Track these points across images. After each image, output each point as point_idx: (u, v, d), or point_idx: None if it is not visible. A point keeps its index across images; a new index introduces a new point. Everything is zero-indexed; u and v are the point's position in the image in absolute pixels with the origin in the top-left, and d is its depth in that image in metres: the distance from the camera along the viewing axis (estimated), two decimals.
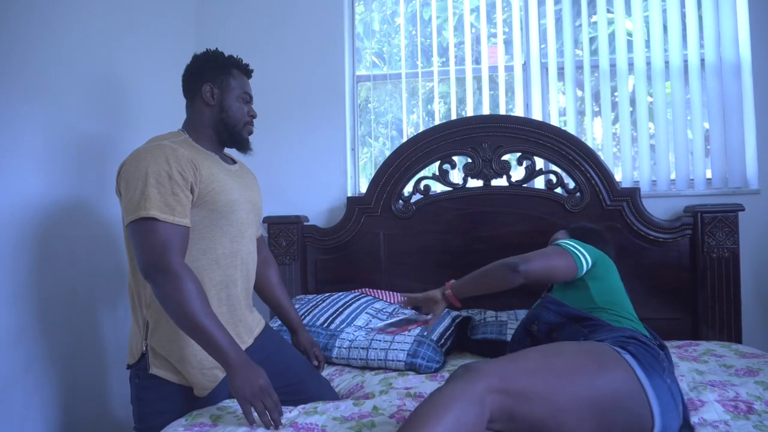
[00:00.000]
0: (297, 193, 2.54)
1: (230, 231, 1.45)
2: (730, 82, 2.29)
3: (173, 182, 1.31)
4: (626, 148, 2.39)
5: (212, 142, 1.52)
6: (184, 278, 1.26)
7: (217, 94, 1.50)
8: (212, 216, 1.41)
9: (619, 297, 1.43)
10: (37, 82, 1.68)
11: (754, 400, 1.34)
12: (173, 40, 2.42)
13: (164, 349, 1.38)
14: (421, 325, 1.71)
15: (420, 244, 2.32)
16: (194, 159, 1.38)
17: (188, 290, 1.25)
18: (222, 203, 1.42)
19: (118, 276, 1.99)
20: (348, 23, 2.61)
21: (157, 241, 1.26)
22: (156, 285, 1.27)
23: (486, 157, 2.29)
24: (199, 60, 1.53)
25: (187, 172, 1.34)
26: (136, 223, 1.28)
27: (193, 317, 1.25)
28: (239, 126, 1.53)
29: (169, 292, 1.25)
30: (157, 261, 1.26)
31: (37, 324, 1.66)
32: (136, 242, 1.30)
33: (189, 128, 1.51)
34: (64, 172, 1.78)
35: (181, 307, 1.25)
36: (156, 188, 1.29)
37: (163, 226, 1.28)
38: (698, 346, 1.89)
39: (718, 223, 2.10)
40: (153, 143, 1.39)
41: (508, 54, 2.57)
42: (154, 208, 1.28)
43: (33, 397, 1.64)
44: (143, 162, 1.32)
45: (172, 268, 1.26)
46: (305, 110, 2.57)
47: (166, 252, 1.26)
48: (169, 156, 1.33)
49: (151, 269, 1.27)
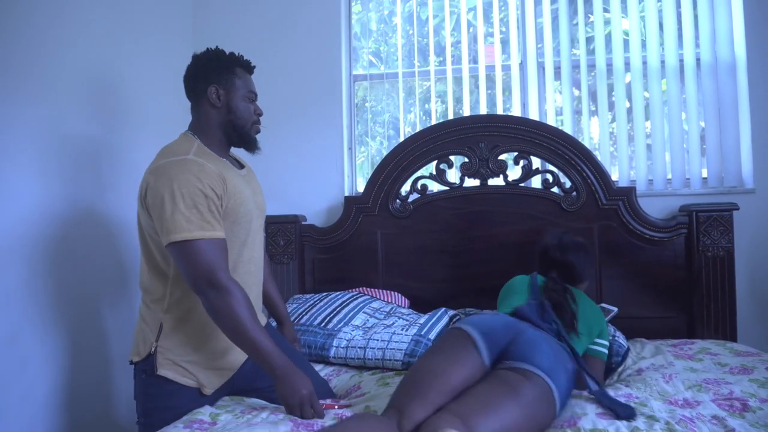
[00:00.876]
0: (294, 192, 2.55)
1: (247, 240, 1.49)
2: (725, 82, 2.30)
3: (208, 200, 1.34)
4: (623, 147, 2.40)
5: (221, 144, 1.52)
6: (233, 293, 1.32)
7: (223, 96, 1.48)
8: (233, 227, 1.44)
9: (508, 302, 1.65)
10: (32, 85, 1.68)
11: (748, 398, 1.35)
12: (170, 41, 2.41)
13: (175, 353, 1.41)
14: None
15: (417, 244, 2.33)
16: (221, 172, 1.40)
17: (238, 305, 1.32)
18: (242, 214, 1.45)
19: (116, 275, 1.99)
20: (345, 23, 2.61)
21: (204, 259, 1.31)
22: (207, 299, 1.33)
23: (483, 156, 2.30)
24: (201, 60, 1.50)
25: (218, 188, 1.37)
26: (179, 245, 1.32)
27: (244, 330, 1.32)
28: (247, 126, 1.53)
29: (221, 306, 1.31)
30: (207, 278, 1.31)
31: (33, 323, 1.66)
32: (183, 263, 1.34)
33: (198, 132, 1.49)
34: (61, 173, 1.78)
35: (233, 320, 1.31)
36: (195, 208, 1.32)
37: (207, 243, 1.32)
38: (693, 344, 1.90)
39: (713, 222, 2.11)
40: (176, 157, 1.38)
41: (505, 53, 2.58)
42: (196, 228, 1.31)
43: (30, 395, 1.64)
44: (176, 181, 1.33)
45: (222, 284, 1.32)
46: (302, 109, 2.57)
47: (214, 269, 1.32)
48: (199, 173, 1.35)
49: (203, 286, 1.32)
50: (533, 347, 1.30)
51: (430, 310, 2.05)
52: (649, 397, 1.40)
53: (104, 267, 1.94)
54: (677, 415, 1.26)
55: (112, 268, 1.97)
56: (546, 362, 1.27)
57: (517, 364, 1.26)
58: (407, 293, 2.28)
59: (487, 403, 1.17)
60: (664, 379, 1.53)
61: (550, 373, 1.25)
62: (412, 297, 2.27)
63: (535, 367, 1.25)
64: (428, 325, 1.88)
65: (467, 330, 1.35)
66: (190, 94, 1.52)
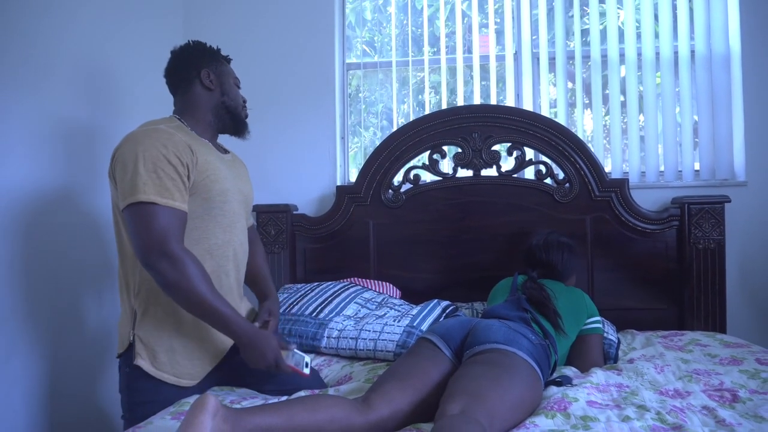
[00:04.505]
0: (286, 181, 2.52)
1: (223, 221, 1.44)
2: (719, 74, 2.30)
3: (171, 167, 1.29)
4: (616, 139, 2.40)
5: (209, 127, 1.52)
6: (187, 263, 1.26)
7: (214, 79, 1.51)
8: (205, 205, 1.39)
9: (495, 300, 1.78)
10: (24, 72, 1.66)
11: (738, 389, 1.36)
12: (161, 28, 2.37)
13: (152, 339, 1.37)
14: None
15: (409, 234, 2.32)
16: (191, 144, 1.37)
17: (194, 274, 1.26)
18: (216, 192, 1.41)
19: (104, 265, 1.96)
20: (339, 11, 2.58)
21: (157, 226, 1.25)
22: (158, 272, 1.26)
23: (476, 147, 2.29)
24: (186, 50, 1.53)
25: (184, 157, 1.33)
26: (133, 207, 1.26)
27: (203, 300, 1.27)
28: (239, 108, 1.56)
29: (175, 278, 1.25)
30: (159, 247, 1.25)
31: (19, 313, 1.63)
32: (134, 227, 1.27)
33: (183, 114, 1.50)
34: (51, 160, 1.76)
35: (190, 292, 1.26)
36: (154, 172, 1.27)
37: (163, 210, 1.27)
38: (683, 335, 1.91)
39: (705, 214, 2.11)
40: (149, 126, 1.37)
41: (499, 45, 2.56)
42: (153, 192, 1.26)
43: (15, 387, 1.61)
44: (140, 145, 1.30)
45: (175, 254, 1.25)
46: (294, 98, 2.54)
47: (167, 237, 1.25)
48: (166, 140, 1.32)
49: (153, 255, 1.25)
50: (486, 330, 1.38)
51: (421, 300, 2.04)
52: (640, 386, 1.40)
53: (89, 257, 1.90)
54: (668, 405, 1.26)
55: (96, 258, 1.94)
56: (500, 336, 1.35)
57: (476, 349, 1.34)
58: (399, 283, 2.27)
59: (469, 384, 1.19)
60: (656, 370, 1.53)
61: (508, 343, 1.32)
62: (404, 287, 2.26)
63: (492, 344, 1.33)
64: (420, 316, 1.87)
65: (427, 336, 1.45)
66: (178, 82, 1.52)
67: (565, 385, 1.39)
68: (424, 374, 1.29)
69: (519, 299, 1.61)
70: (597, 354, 1.66)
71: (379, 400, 1.19)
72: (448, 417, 1.07)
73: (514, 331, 1.38)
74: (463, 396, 1.13)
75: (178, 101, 1.53)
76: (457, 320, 1.51)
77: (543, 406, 1.25)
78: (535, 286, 1.67)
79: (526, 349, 1.33)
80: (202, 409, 0.97)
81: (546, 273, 1.80)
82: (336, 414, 1.12)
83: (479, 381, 1.19)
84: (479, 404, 1.11)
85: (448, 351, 1.39)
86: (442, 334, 1.43)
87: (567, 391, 1.32)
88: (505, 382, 1.20)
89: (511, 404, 1.18)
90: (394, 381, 1.25)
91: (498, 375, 1.22)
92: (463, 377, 1.22)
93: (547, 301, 1.60)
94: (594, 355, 1.65)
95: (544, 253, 1.82)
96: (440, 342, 1.41)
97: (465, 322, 1.47)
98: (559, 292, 1.68)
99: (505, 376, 1.22)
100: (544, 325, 1.53)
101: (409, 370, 1.30)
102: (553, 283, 1.74)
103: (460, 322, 1.48)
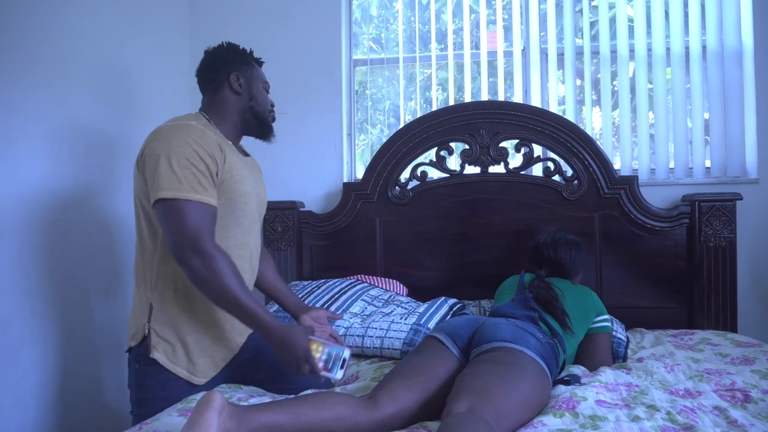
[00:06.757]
0: (293, 178, 2.52)
1: (243, 222, 1.46)
2: (731, 70, 2.27)
3: (203, 163, 1.31)
4: (625, 136, 2.37)
5: (235, 129, 1.53)
6: (219, 259, 1.27)
7: (243, 83, 1.52)
8: (228, 205, 1.40)
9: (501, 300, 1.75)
10: (43, 74, 1.68)
11: (750, 389, 1.34)
12: (170, 28, 2.38)
13: (166, 333, 1.38)
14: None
15: (416, 231, 2.30)
16: (220, 144, 1.38)
17: (225, 272, 1.27)
18: (239, 193, 1.42)
19: (112, 263, 1.97)
20: (345, 8, 2.57)
21: (189, 222, 1.26)
22: (191, 268, 1.27)
23: (483, 143, 2.27)
24: (218, 52, 1.54)
25: (216, 155, 1.34)
26: (166, 203, 1.27)
27: (234, 296, 1.27)
28: (266, 113, 1.56)
29: (207, 274, 1.26)
30: (191, 243, 1.26)
31: (29, 309, 1.64)
32: (167, 223, 1.28)
33: (209, 113, 1.50)
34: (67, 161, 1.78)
35: (221, 288, 1.27)
36: (188, 168, 1.28)
37: (195, 206, 1.28)
38: (694, 334, 1.89)
39: (716, 212, 2.09)
40: (179, 122, 1.38)
41: (507, 41, 2.54)
42: (188, 189, 1.27)
43: (24, 382, 1.62)
44: (173, 141, 1.31)
45: (207, 250, 1.26)
46: (302, 95, 2.53)
47: (200, 233, 1.27)
48: (198, 137, 1.33)
49: (186, 252, 1.26)
50: (494, 329, 1.38)
51: (428, 298, 2.03)
52: (650, 386, 1.39)
53: (98, 255, 1.91)
54: (678, 405, 1.25)
55: (106, 256, 1.95)
56: (507, 334, 1.34)
57: (483, 347, 1.33)
58: (405, 281, 2.26)
59: (476, 382, 1.19)
60: (665, 369, 1.51)
61: (515, 341, 1.32)
62: (411, 285, 2.25)
63: (499, 342, 1.32)
64: (427, 314, 1.86)
65: (434, 334, 1.45)
66: (208, 82, 1.53)
67: (573, 384, 1.38)
68: (431, 372, 1.29)
69: (526, 298, 1.60)
70: (605, 353, 1.64)
71: (385, 398, 1.19)
72: (455, 415, 1.06)
73: (521, 329, 1.37)
74: (470, 394, 1.12)
75: (206, 100, 1.54)
76: (465, 318, 1.50)
77: (551, 405, 1.23)
78: (542, 285, 1.66)
79: (534, 348, 1.32)
80: (208, 406, 0.97)
81: (553, 271, 1.79)
82: (342, 412, 1.11)
83: (486, 379, 1.18)
84: (486, 402, 1.10)
85: (455, 349, 1.39)
86: (450, 333, 1.43)
87: (575, 390, 1.31)
88: (513, 380, 1.20)
89: (519, 403, 1.17)
90: (400, 379, 1.25)
91: (505, 373, 1.21)
92: (471, 375, 1.21)
93: (555, 301, 1.59)
94: (602, 354, 1.63)
95: (552, 251, 1.81)
96: (447, 340, 1.40)
97: (472, 321, 1.47)
98: (567, 291, 1.67)
99: (513, 375, 1.21)
100: (551, 323, 1.52)
101: (416, 368, 1.30)
102: (561, 282, 1.73)
103: (468, 321, 1.47)
